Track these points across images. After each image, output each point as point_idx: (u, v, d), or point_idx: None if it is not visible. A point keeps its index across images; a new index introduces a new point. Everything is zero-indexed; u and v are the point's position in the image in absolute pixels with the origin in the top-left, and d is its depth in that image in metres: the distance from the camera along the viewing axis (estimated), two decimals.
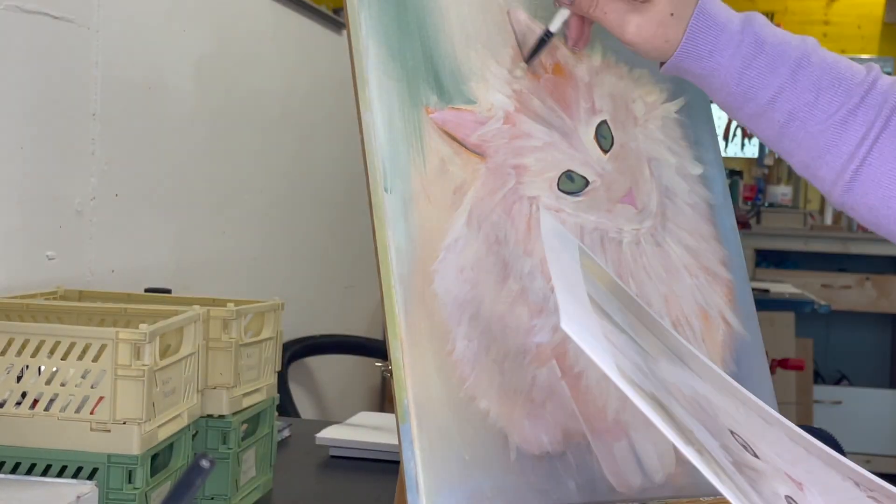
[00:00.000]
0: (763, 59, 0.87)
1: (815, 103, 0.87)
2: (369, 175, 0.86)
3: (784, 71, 0.87)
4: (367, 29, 0.88)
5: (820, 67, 0.88)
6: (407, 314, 0.83)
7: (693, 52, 0.88)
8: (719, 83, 0.89)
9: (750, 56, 0.87)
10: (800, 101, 0.87)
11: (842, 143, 0.87)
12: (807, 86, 0.87)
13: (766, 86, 0.88)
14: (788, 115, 0.88)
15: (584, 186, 0.95)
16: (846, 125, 0.87)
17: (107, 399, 0.88)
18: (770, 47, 0.88)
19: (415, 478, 0.80)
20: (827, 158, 0.88)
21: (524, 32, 0.95)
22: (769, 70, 0.87)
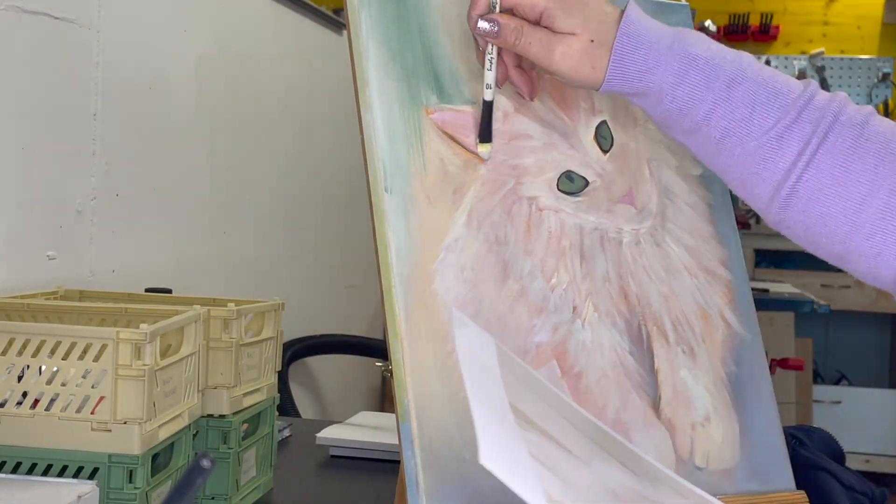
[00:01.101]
0: (696, 75, 0.85)
1: (751, 119, 0.85)
2: (369, 175, 0.86)
3: (718, 86, 0.85)
4: (368, 29, 0.88)
5: (755, 82, 0.85)
6: (407, 314, 0.83)
7: (621, 76, 0.86)
8: (653, 101, 0.87)
9: (681, 72, 0.85)
10: (735, 116, 0.85)
11: (778, 159, 0.85)
12: (742, 101, 0.85)
13: (700, 102, 0.85)
14: (724, 131, 0.85)
15: (583, 187, 0.95)
16: (782, 141, 0.85)
17: (107, 399, 0.88)
18: (703, 62, 0.85)
19: (415, 477, 0.80)
20: (763, 175, 0.86)
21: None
22: (703, 86, 0.85)
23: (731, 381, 0.99)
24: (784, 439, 1.01)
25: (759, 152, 0.85)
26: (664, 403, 0.95)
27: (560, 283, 0.92)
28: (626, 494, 0.74)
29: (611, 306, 0.94)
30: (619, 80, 0.86)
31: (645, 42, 0.85)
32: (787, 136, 0.85)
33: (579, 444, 0.78)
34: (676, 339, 0.97)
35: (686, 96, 0.85)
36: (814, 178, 0.84)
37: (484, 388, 0.74)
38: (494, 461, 0.65)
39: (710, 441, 0.96)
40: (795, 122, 0.85)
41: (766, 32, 4.96)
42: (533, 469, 0.68)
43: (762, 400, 1.01)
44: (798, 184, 0.85)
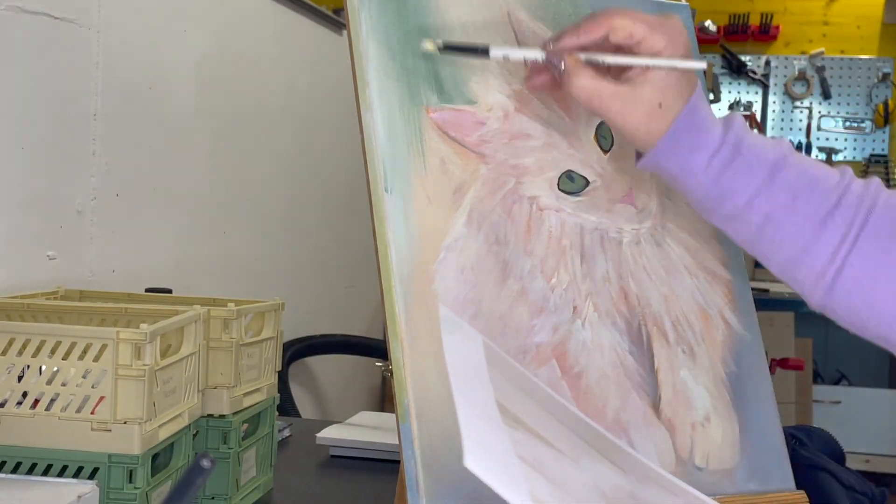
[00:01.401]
0: (741, 161, 0.85)
1: (793, 205, 0.85)
2: (369, 175, 0.86)
3: (761, 173, 0.85)
4: (368, 29, 0.88)
5: (796, 170, 0.86)
6: (407, 314, 0.83)
7: (672, 149, 0.85)
8: (695, 184, 0.87)
9: (728, 158, 0.85)
10: (777, 202, 0.85)
11: (821, 245, 0.85)
12: (784, 187, 0.85)
13: (744, 187, 0.85)
14: (765, 216, 0.86)
15: (584, 186, 0.95)
16: (825, 226, 0.85)
17: (107, 399, 0.88)
18: (747, 149, 0.86)
19: (415, 478, 0.80)
20: (806, 260, 0.86)
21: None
22: (747, 171, 0.85)
23: (731, 381, 0.99)
24: (784, 439, 1.01)
25: (802, 238, 0.85)
26: (664, 403, 0.95)
27: (560, 283, 0.92)
28: (616, 493, 0.74)
29: (611, 306, 0.94)
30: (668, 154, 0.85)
31: (703, 125, 0.85)
32: (829, 221, 0.85)
33: (569, 442, 0.78)
34: (676, 338, 0.97)
35: (730, 182, 0.85)
36: (858, 262, 0.84)
37: (471, 387, 0.74)
38: (479, 463, 0.65)
39: (709, 441, 0.96)
40: (836, 207, 0.85)
41: (765, 32, 4.96)
42: (519, 469, 0.68)
43: (762, 400, 1.01)
44: (843, 269, 0.85)
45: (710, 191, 0.86)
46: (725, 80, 5.05)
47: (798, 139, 5.00)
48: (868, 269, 0.85)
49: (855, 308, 0.86)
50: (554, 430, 0.78)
